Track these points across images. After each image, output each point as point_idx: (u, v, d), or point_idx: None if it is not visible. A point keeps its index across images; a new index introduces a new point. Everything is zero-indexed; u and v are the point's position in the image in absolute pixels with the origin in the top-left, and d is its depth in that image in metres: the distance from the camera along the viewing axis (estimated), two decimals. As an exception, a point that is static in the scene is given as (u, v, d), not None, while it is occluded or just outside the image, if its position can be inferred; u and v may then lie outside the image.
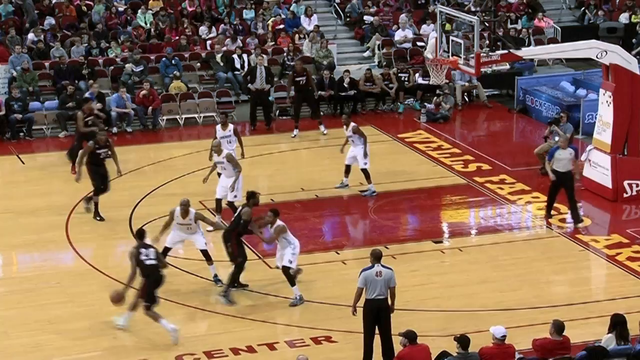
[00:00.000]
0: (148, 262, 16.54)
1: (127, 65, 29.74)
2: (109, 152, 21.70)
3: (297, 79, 27.65)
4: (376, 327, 15.43)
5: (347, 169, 23.34)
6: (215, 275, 18.53)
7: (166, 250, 18.43)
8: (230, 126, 23.03)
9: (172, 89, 29.55)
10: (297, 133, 27.52)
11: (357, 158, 22.96)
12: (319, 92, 28.77)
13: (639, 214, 21.63)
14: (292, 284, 17.78)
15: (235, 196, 20.54)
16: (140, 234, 17.14)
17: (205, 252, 18.47)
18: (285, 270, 17.74)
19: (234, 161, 20.66)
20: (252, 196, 18.21)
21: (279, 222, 17.87)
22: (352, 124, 23.13)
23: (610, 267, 19.54)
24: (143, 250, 16.65)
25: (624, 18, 35.16)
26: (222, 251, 18.41)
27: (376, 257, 15.41)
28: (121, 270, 19.10)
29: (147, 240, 17.06)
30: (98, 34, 31.58)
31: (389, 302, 15.41)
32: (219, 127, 23.02)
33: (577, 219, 21.35)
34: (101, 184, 21.62)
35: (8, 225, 21.70)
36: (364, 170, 23.02)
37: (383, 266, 15.36)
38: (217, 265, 18.80)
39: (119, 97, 28.07)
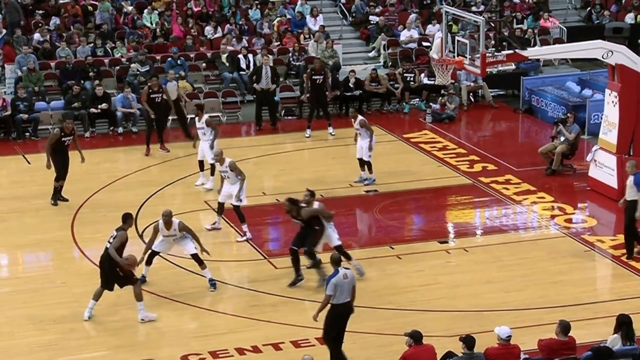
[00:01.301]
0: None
1: (132, 65, 29.77)
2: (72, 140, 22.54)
3: (315, 77, 27.60)
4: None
5: (361, 162, 23.45)
6: (211, 279, 18.48)
7: (153, 254, 18.35)
8: (204, 117, 23.28)
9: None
10: (310, 133, 27.49)
11: (362, 149, 23.12)
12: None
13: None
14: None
15: (240, 200, 20.50)
16: (124, 218, 17.44)
17: (196, 257, 18.33)
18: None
19: (237, 169, 20.60)
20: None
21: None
22: (360, 117, 23.34)
23: (616, 268, 19.51)
24: (113, 232, 17.13)
25: (629, 18, 35.14)
26: (225, 251, 18.40)
27: (336, 262, 15.35)
28: (126, 270, 19.20)
29: (125, 226, 17.35)
30: (103, 34, 31.61)
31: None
32: (196, 119, 23.50)
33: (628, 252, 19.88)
34: (59, 169, 22.34)
35: (14, 225, 21.73)
36: (367, 162, 23.34)
37: (344, 268, 15.39)
38: (220, 265, 18.80)
39: (124, 97, 28.10)
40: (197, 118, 23.50)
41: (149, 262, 18.34)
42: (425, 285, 18.62)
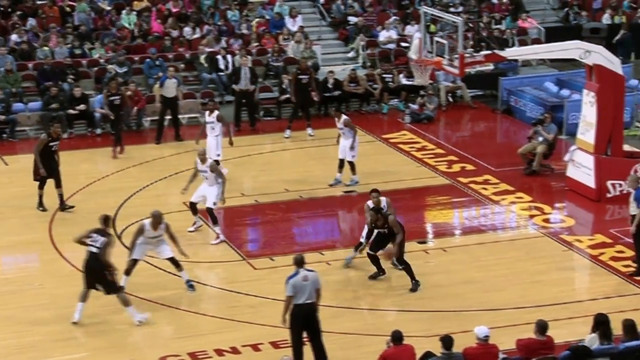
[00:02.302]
0: (90, 249, 16.87)
1: (109, 66, 29.66)
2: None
3: (300, 76, 27.57)
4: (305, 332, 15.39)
5: (341, 163, 23.48)
6: (188, 281, 18.42)
7: (133, 263, 18.11)
8: (216, 112, 23.23)
9: (156, 90, 29.47)
10: (290, 134, 27.48)
11: (346, 150, 23.12)
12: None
13: (622, 214, 21.65)
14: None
15: (214, 203, 20.45)
16: (104, 220, 17.29)
17: (172, 260, 18.25)
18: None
19: (217, 171, 20.55)
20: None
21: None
22: (344, 117, 23.39)
23: (594, 267, 19.59)
24: (93, 235, 16.92)
25: (606, 19, 35.28)
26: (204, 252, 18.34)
27: (298, 263, 15.40)
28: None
29: (109, 230, 17.23)
30: (82, 35, 31.51)
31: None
32: (206, 113, 23.38)
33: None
34: (50, 175, 22.04)
35: (-9, 227, 21.65)
36: (350, 163, 23.32)
37: (307, 270, 15.39)
38: (198, 266, 18.76)
39: (103, 98, 27.89)
40: (207, 112, 23.46)
41: (127, 272, 18.08)
42: (404, 285, 18.63)
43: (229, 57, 30.83)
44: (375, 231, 18.70)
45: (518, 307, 17.64)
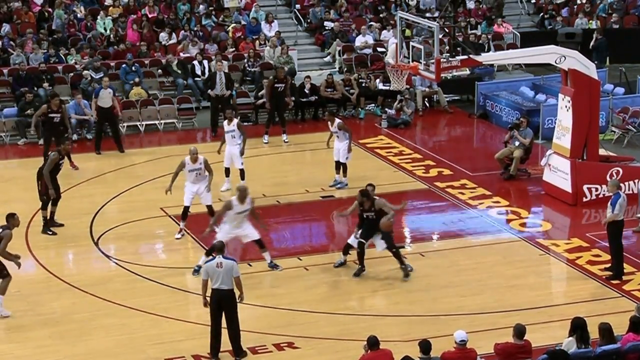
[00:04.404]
0: None
1: (85, 72, 29.54)
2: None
3: (277, 85, 27.59)
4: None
5: (337, 165, 23.67)
6: (271, 262, 19.30)
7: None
8: (235, 121, 23.23)
9: (132, 96, 29.42)
10: (268, 139, 27.48)
11: (340, 152, 23.38)
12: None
13: (599, 218, 21.77)
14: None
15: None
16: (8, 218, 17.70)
17: (259, 242, 19.14)
18: None
19: (209, 166, 20.89)
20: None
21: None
22: (337, 120, 23.55)
23: (571, 271, 19.66)
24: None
25: (580, 23, 35.43)
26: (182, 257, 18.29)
27: (217, 249, 15.94)
28: (81, 278, 19.09)
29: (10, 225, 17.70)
30: (57, 40, 31.39)
31: (236, 292, 15.83)
32: (225, 122, 23.37)
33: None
34: (58, 196, 21.29)
35: (-33, 234, 21.47)
36: (343, 165, 23.67)
37: (225, 257, 15.80)
38: (177, 272, 18.70)
39: (76, 104, 27.77)
40: (226, 122, 23.42)
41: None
42: (382, 290, 18.65)
43: (205, 62, 30.80)
44: (364, 216, 18.92)
45: (495, 311, 17.68)
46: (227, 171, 23.48)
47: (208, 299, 15.97)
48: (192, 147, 21.37)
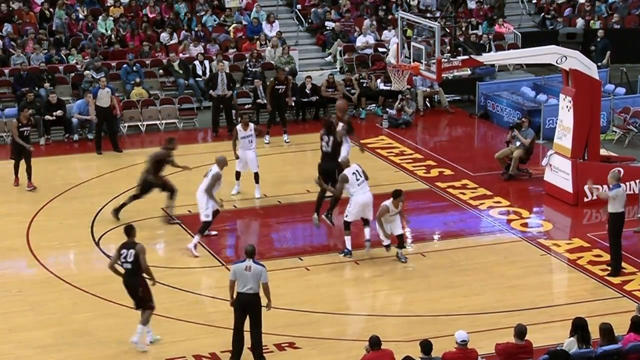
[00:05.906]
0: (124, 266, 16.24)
1: (86, 72, 29.52)
2: None
3: (278, 86, 27.57)
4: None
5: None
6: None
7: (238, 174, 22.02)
8: (251, 126, 23.19)
9: (133, 96, 29.42)
10: (269, 139, 27.48)
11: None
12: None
13: (600, 218, 21.77)
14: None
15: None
16: (129, 231, 16.57)
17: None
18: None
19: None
20: None
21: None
22: (341, 123, 23.44)
23: (572, 271, 19.66)
24: (124, 252, 16.26)
25: (581, 24, 35.41)
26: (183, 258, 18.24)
27: (248, 253, 15.78)
28: (82, 278, 19.09)
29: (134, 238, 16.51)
30: (58, 41, 31.40)
31: (263, 298, 15.69)
32: (239, 127, 23.17)
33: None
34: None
35: (-32, 234, 21.53)
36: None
37: (255, 262, 15.66)
38: (177, 272, 18.69)
39: (84, 103, 27.71)
40: (240, 126, 23.06)
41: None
42: (383, 290, 18.65)
43: (206, 62, 30.80)
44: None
45: (496, 311, 17.67)
46: (238, 175, 23.30)
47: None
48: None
